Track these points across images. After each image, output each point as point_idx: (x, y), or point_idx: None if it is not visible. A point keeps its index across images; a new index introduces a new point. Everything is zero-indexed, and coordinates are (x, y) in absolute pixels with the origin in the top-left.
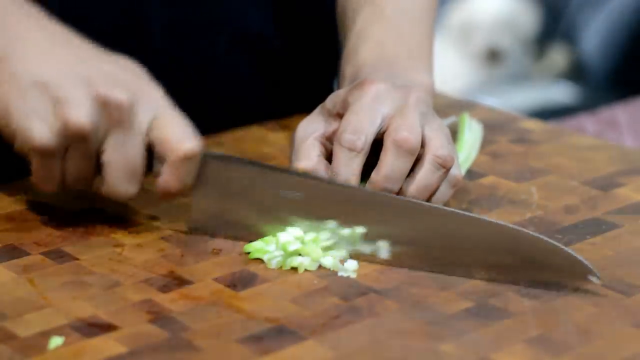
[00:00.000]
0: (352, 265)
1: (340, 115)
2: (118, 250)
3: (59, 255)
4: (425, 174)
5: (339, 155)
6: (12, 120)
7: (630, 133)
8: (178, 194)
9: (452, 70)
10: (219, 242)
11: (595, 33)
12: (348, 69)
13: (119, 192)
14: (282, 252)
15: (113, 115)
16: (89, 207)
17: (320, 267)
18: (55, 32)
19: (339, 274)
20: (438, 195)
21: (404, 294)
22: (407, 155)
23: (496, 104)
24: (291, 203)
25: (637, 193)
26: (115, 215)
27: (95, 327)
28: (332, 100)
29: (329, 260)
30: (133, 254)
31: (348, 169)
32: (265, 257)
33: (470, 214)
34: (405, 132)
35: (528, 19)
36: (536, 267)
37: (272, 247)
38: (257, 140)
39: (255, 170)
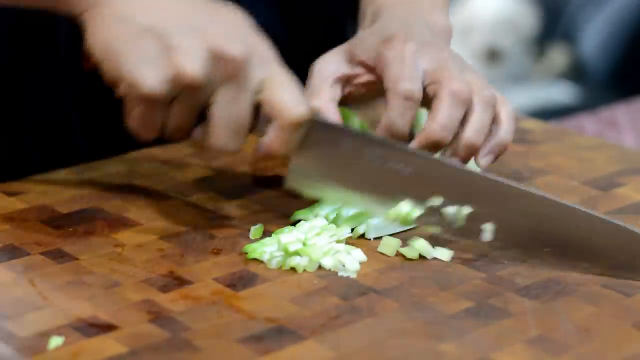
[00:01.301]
0: (352, 265)
1: (366, 65)
2: (118, 250)
3: (59, 255)
4: (478, 116)
5: (395, 104)
6: (120, 65)
7: (630, 133)
8: (280, 156)
9: None
10: (219, 242)
11: (595, 33)
12: (369, 8)
13: (224, 147)
14: (282, 253)
15: (226, 69)
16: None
17: (320, 267)
18: None
19: (339, 274)
20: (502, 134)
21: (404, 294)
22: (462, 104)
23: None
24: (396, 177)
25: (637, 193)
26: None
27: (95, 327)
28: (360, 48)
29: (329, 261)
30: (133, 254)
31: (403, 118)
32: (265, 257)
33: (584, 209)
34: (459, 83)
35: (528, 19)
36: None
37: (270, 248)
38: (257, 140)
39: (363, 140)
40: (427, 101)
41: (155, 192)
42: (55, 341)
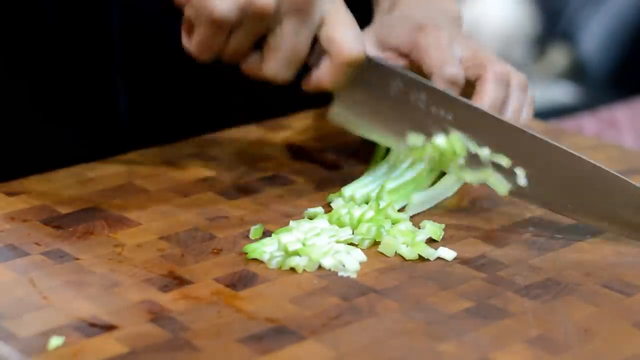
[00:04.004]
0: (352, 265)
1: (399, 51)
2: (118, 250)
3: (59, 255)
4: (517, 100)
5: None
6: None
7: (630, 133)
8: (329, 90)
9: None
10: (219, 242)
11: (595, 33)
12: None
13: (277, 76)
14: (282, 253)
15: (295, 2)
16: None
17: (320, 267)
18: None
19: (339, 274)
20: (524, 114)
21: (404, 294)
22: (506, 85)
23: None
24: (438, 120)
25: None
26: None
27: (95, 327)
28: (390, 34)
29: (329, 261)
30: (133, 254)
31: None
32: (265, 257)
33: (613, 172)
34: (499, 65)
35: (528, 19)
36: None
37: (270, 248)
38: (257, 140)
39: (410, 81)
40: (467, 85)
41: (155, 192)
42: (56, 341)
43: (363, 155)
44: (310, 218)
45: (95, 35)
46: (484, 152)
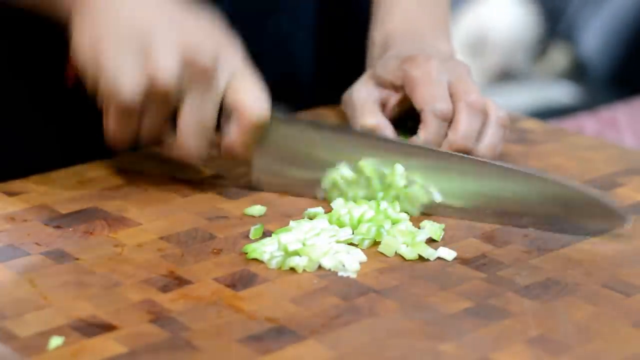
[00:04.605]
0: (352, 265)
1: (393, 85)
2: (118, 250)
3: (59, 255)
4: (493, 134)
5: (432, 123)
6: (100, 70)
7: (630, 133)
8: (242, 155)
9: None
10: (219, 242)
11: (595, 33)
12: (377, 36)
13: (190, 151)
14: (282, 253)
15: (196, 76)
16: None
17: (320, 267)
18: None
19: (339, 274)
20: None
21: (404, 294)
22: (480, 114)
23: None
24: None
25: (637, 193)
26: (180, 177)
27: (95, 327)
28: (384, 70)
29: (329, 261)
30: (133, 254)
31: (440, 137)
32: (265, 257)
33: (517, 167)
34: (475, 95)
35: (528, 19)
36: (580, 216)
37: (270, 248)
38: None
39: (317, 132)
40: None
41: (155, 192)
42: (55, 341)
43: None
44: (310, 218)
45: None
46: (398, 172)
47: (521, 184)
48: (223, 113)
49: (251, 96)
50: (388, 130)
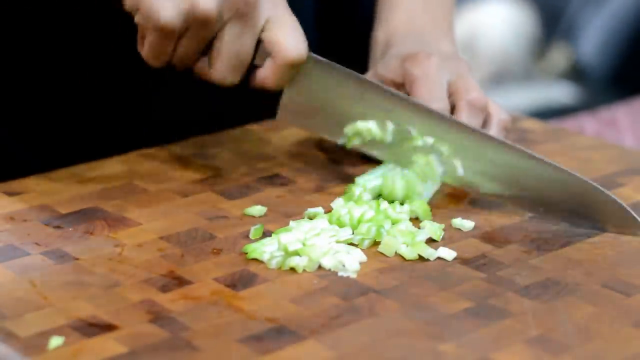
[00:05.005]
0: (352, 265)
1: (395, 83)
2: (118, 250)
3: (59, 255)
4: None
5: None
6: None
7: (630, 133)
8: (272, 89)
9: None
10: (219, 242)
11: (595, 33)
12: (380, 35)
13: (224, 79)
14: (282, 253)
15: (238, 6)
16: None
17: (320, 267)
18: None
19: (339, 274)
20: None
21: (404, 294)
22: (480, 112)
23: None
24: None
25: (637, 193)
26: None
27: (95, 327)
28: (386, 69)
29: (329, 261)
30: (133, 254)
31: None
32: (265, 257)
33: (540, 157)
34: (475, 92)
35: (528, 20)
36: (587, 210)
37: (270, 248)
38: (257, 140)
39: (353, 79)
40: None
41: (155, 192)
42: (55, 341)
43: (363, 155)
44: (310, 218)
45: (94, 35)
46: (426, 140)
47: (551, 175)
48: (259, 48)
49: (290, 35)
50: None
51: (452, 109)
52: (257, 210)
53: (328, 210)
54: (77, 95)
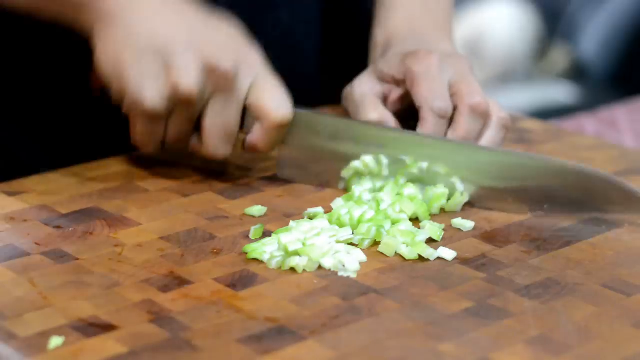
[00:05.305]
0: (352, 265)
1: (395, 80)
2: (118, 250)
3: (59, 255)
4: (493, 135)
5: (430, 120)
6: (124, 81)
7: (630, 133)
8: (265, 152)
9: None
10: (219, 242)
11: (595, 33)
12: (379, 35)
13: (216, 153)
14: (282, 253)
15: (218, 82)
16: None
17: (320, 267)
18: None
19: (339, 274)
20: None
21: (404, 294)
22: (481, 117)
23: None
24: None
25: None
26: (209, 169)
27: (95, 327)
28: (386, 66)
29: (329, 261)
30: (133, 254)
31: (436, 134)
32: (265, 257)
33: (539, 155)
34: (478, 97)
35: (529, 20)
36: (598, 201)
37: (270, 248)
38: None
39: (340, 123)
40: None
41: (155, 192)
42: (55, 341)
43: None
44: (310, 218)
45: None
46: (421, 166)
47: (554, 166)
48: (247, 113)
49: (274, 98)
50: (391, 123)
51: (453, 110)
52: (257, 210)
53: (328, 210)
54: (77, 95)
